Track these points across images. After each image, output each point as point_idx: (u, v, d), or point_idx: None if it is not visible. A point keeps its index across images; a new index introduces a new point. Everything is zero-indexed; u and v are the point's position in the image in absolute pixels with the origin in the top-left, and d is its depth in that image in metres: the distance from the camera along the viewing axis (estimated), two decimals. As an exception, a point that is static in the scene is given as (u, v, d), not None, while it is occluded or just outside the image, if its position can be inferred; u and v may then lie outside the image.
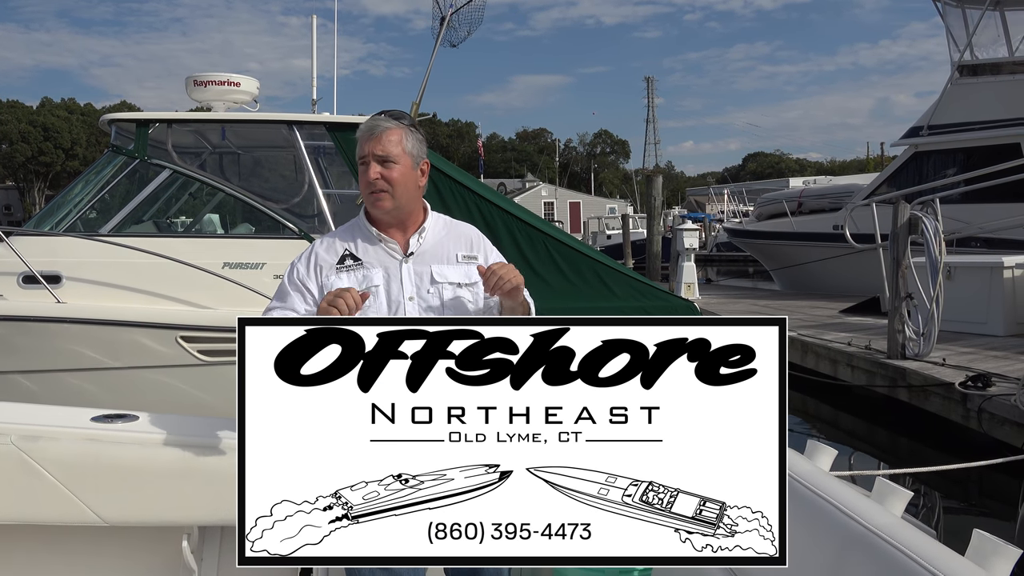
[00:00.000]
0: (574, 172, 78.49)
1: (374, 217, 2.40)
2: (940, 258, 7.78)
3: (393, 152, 2.33)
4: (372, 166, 2.32)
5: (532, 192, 51.52)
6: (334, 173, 8.30)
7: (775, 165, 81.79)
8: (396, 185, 2.33)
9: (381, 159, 2.32)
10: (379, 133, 2.33)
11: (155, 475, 2.44)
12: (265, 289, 6.79)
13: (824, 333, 9.90)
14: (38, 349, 6.51)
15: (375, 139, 2.33)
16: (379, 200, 2.34)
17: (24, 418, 2.50)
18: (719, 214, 31.90)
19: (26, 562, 2.64)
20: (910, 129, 14.82)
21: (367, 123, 2.38)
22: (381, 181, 2.32)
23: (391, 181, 2.32)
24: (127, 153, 7.17)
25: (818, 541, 1.46)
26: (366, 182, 2.34)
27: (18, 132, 56.67)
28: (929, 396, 7.34)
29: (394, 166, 2.33)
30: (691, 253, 14.64)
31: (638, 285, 7.83)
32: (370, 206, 2.38)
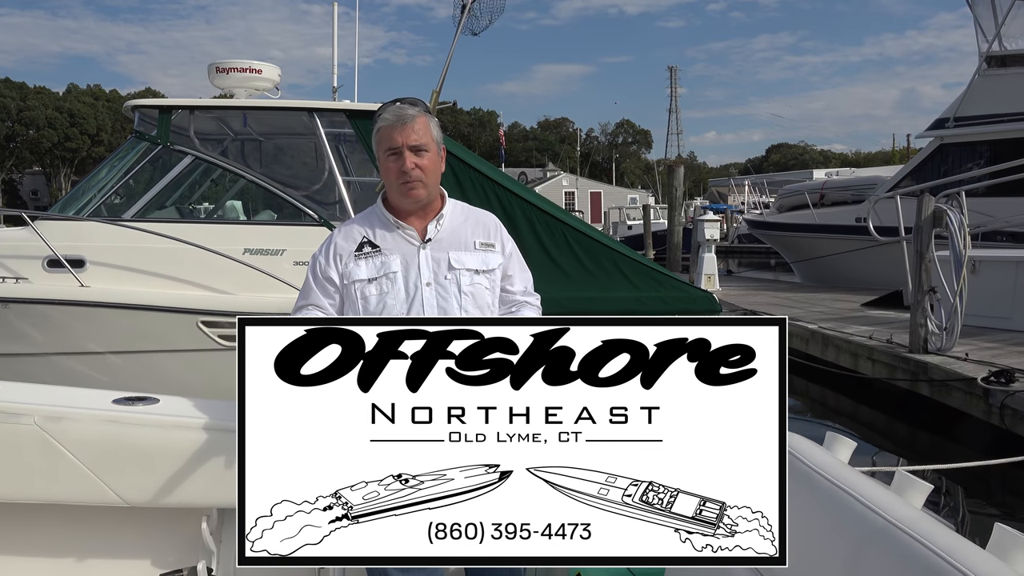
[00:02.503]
0: (595, 162, 78.21)
1: (392, 204, 2.40)
2: (964, 252, 7.68)
3: (424, 140, 2.32)
4: (407, 156, 2.30)
5: (553, 182, 51.37)
6: (354, 161, 8.32)
7: (799, 156, 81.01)
8: (428, 173, 2.34)
9: (415, 148, 2.31)
10: (409, 122, 2.31)
11: (175, 457, 2.47)
12: (285, 275, 6.84)
13: (845, 326, 9.82)
14: (62, 332, 6.60)
15: (407, 128, 2.31)
16: (413, 189, 2.32)
17: (47, 399, 2.54)
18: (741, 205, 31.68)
19: (48, 541, 2.68)
20: (936, 121, 14.62)
21: (391, 112, 2.34)
22: (417, 171, 2.31)
23: (424, 170, 2.32)
24: (150, 139, 7.23)
25: (838, 533, 1.45)
26: (399, 171, 2.31)
27: (45, 118, 57.26)
28: (951, 391, 7.27)
29: (425, 154, 2.33)
30: (712, 244, 14.55)
31: (657, 275, 7.80)
32: (402, 196, 2.35)
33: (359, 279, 2.34)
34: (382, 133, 2.35)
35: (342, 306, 2.38)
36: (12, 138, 57.94)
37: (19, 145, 58.48)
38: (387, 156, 2.34)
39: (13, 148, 58.43)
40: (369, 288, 2.33)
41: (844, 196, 18.25)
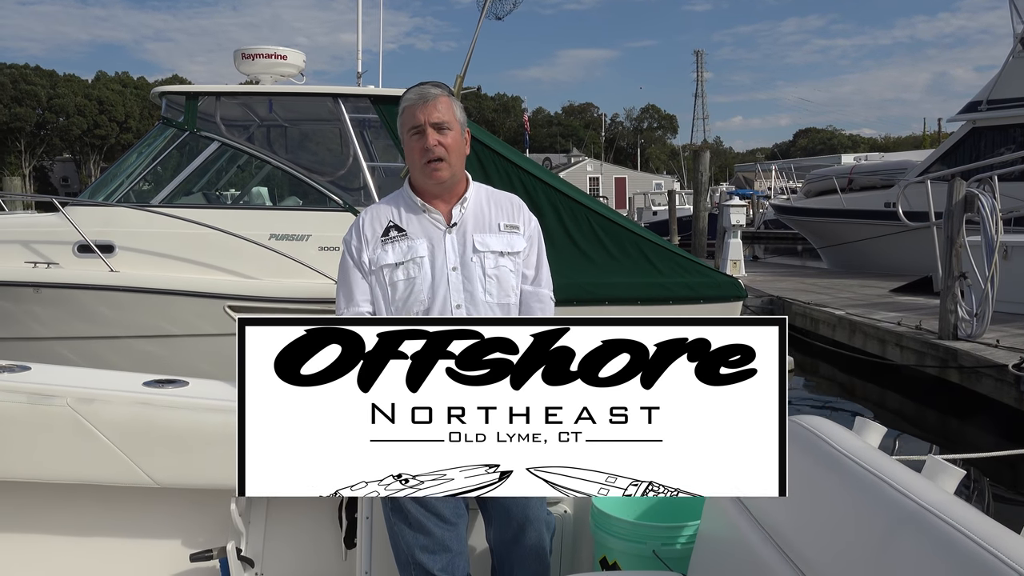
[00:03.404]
0: (620, 147, 77.74)
1: (420, 187, 2.40)
2: (996, 237, 7.55)
3: (446, 118, 2.31)
4: (430, 133, 2.29)
5: (577, 167, 51.15)
6: (379, 146, 8.34)
7: (827, 141, 79.96)
8: (451, 152, 2.32)
9: (437, 126, 2.29)
10: (432, 100, 2.30)
11: (204, 439, 2.51)
12: (311, 260, 6.88)
13: (873, 312, 9.71)
14: (91, 316, 6.70)
15: (429, 106, 2.30)
16: (437, 169, 2.31)
17: (79, 381, 2.58)
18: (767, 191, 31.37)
19: (80, 521, 2.73)
20: (968, 104, 14.35)
21: (414, 92, 2.34)
22: (440, 148, 2.29)
23: (447, 148, 2.31)
24: (177, 125, 7.29)
25: (869, 517, 1.44)
26: (422, 149, 2.30)
27: (74, 105, 57.94)
28: (981, 378, 7.17)
29: (449, 132, 2.31)
30: (738, 230, 14.39)
31: (682, 261, 7.76)
32: (426, 176, 2.33)
33: (387, 264, 2.34)
34: (406, 113, 2.34)
35: (372, 290, 2.39)
36: (42, 125, 58.71)
37: (49, 132, 59.25)
38: (410, 135, 2.33)
39: (43, 135, 59.21)
40: (397, 273, 2.33)
41: (873, 181, 18.00)
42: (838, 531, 1.49)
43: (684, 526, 2.24)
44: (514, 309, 2.40)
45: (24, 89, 56.87)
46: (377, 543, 2.57)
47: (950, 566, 1.22)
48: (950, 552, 1.24)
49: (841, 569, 1.43)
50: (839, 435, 1.74)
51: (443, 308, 2.29)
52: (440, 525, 2.26)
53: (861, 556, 1.39)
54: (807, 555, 1.54)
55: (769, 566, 1.62)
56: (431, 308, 2.29)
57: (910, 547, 1.30)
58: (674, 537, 2.23)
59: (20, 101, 56.76)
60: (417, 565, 2.26)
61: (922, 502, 1.37)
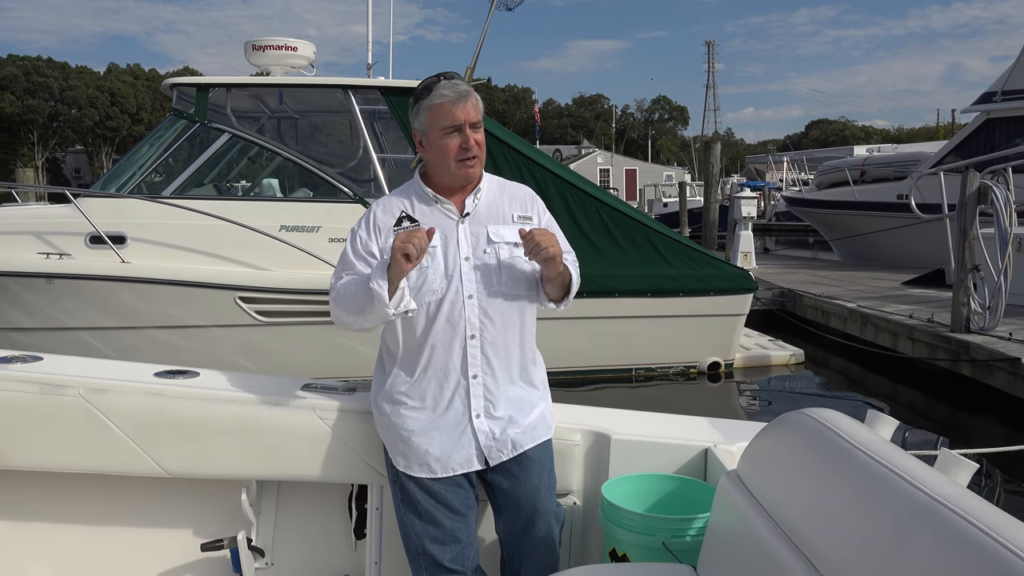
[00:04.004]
0: (631, 139, 77.49)
1: (433, 180, 2.39)
2: (1010, 229, 7.48)
3: (480, 118, 2.32)
4: (469, 133, 2.28)
5: (588, 159, 50.98)
6: (389, 138, 8.34)
7: (839, 133, 79.42)
8: (483, 149, 2.34)
9: (475, 125, 2.29)
10: (468, 98, 2.28)
11: (215, 430, 2.51)
12: (320, 252, 6.90)
13: (884, 305, 9.65)
14: (103, 307, 6.73)
15: (468, 105, 2.27)
16: (473, 168, 2.31)
17: (91, 372, 2.59)
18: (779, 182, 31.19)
19: (92, 510, 2.75)
20: (982, 95, 14.21)
21: (448, 88, 2.28)
22: (476, 147, 2.30)
23: (481, 146, 2.33)
24: (188, 117, 7.31)
25: (881, 510, 1.42)
26: (461, 148, 2.28)
27: (86, 97, 58.18)
28: (993, 371, 7.12)
29: (480, 130, 2.33)
30: (748, 222, 14.35)
31: (692, 253, 7.74)
32: (459, 172, 2.31)
33: None
34: (443, 110, 2.27)
35: None
36: (55, 117, 58.99)
37: (62, 124, 59.53)
38: (445, 133, 2.28)
39: (56, 127, 59.50)
40: None
41: (886, 173, 17.86)
42: (849, 524, 1.48)
43: (694, 518, 2.23)
44: (528, 299, 2.39)
45: (37, 81, 57.15)
46: (387, 533, 2.58)
47: (963, 559, 1.21)
48: (963, 545, 1.23)
49: (852, 562, 1.42)
50: (850, 428, 1.73)
51: (455, 298, 2.29)
52: (450, 516, 2.26)
53: (872, 549, 1.38)
54: (818, 548, 1.53)
55: (779, 559, 1.61)
56: (444, 298, 2.29)
57: (922, 540, 1.29)
58: (684, 529, 2.23)
59: (33, 93, 57.04)
60: (427, 556, 2.26)
61: (934, 495, 1.36)
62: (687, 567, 2.10)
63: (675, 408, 3.16)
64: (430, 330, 2.29)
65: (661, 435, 2.60)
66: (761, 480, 1.84)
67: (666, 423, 2.74)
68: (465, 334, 2.29)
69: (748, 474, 1.92)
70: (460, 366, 2.30)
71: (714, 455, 2.49)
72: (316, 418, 2.53)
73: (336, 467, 2.55)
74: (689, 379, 8.00)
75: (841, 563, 1.45)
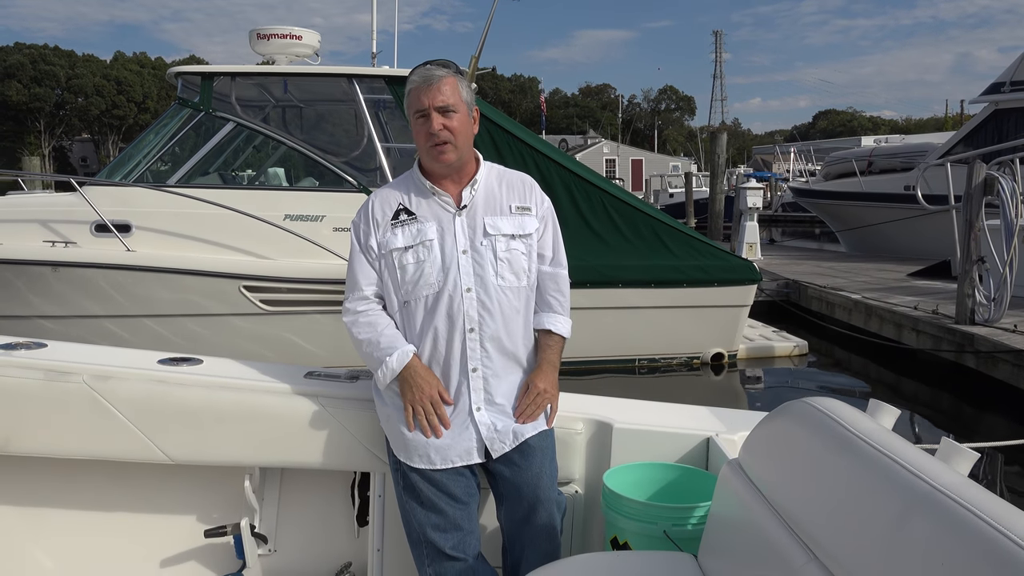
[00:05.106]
0: (637, 129, 77.27)
1: (428, 169, 2.38)
2: (1016, 220, 7.45)
3: (452, 101, 2.28)
4: (434, 117, 2.26)
5: (594, 149, 50.84)
6: (393, 127, 8.33)
7: (847, 123, 79.08)
8: (457, 135, 2.29)
9: (442, 109, 2.27)
10: (436, 83, 2.27)
11: (219, 417, 2.53)
12: (325, 241, 6.91)
13: (890, 296, 9.63)
14: (108, 295, 6.75)
15: (433, 89, 2.27)
16: (443, 153, 2.28)
17: (95, 359, 2.60)
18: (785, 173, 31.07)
19: (96, 496, 2.76)
20: (991, 85, 14.11)
21: (418, 73, 2.31)
22: (445, 132, 2.26)
23: (453, 131, 2.28)
24: (192, 106, 7.31)
25: (881, 498, 1.42)
26: (427, 134, 2.28)
27: (93, 86, 58.22)
28: (998, 363, 7.10)
29: (454, 115, 2.28)
30: (754, 212, 14.31)
31: (697, 244, 7.73)
32: (432, 160, 2.32)
33: (396, 247, 2.33)
34: (411, 96, 2.32)
35: (381, 275, 2.38)
36: (62, 105, 59.07)
37: (68, 113, 59.59)
38: (416, 118, 2.31)
39: (63, 116, 59.57)
40: (406, 256, 2.32)
41: (893, 163, 17.76)
42: (850, 512, 1.48)
43: (695, 507, 2.24)
44: (526, 292, 2.39)
45: (43, 69, 57.20)
46: (389, 521, 2.59)
47: (963, 547, 1.21)
48: (963, 534, 1.23)
49: (853, 550, 1.42)
50: (852, 417, 1.73)
51: (453, 292, 2.29)
52: (452, 504, 2.27)
53: (873, 537, 1.38)
54: (819, 536, 1.54)
55: (780, 547, 1.61)
56: (441, 292, 2.29)
57: (923, 529, 1.30)
58: (685, 518, 2.23)
59: (39, 81, 57.10)
60: (428, 543, 2.27)
61: (935, 484, 1.36)
62: (688, 555, 2.10)
63: (678, 399, 3.16)
64: (429, 324, 2.30)
65: (663, 424, 2.60)
66: (762, 469, 1.85)
67: (668, 412, 2.74)
68: (464, 327, 2.29)
69: (749, 463, 1.92)
70: (460, 359, 2.30)
71: (716, 444, 2.49)
72: (319, 406, 2.54)
73: (339, 454, 2.56)
74: (693, 370, 8.00)
75: (841, 551, 1.45)
